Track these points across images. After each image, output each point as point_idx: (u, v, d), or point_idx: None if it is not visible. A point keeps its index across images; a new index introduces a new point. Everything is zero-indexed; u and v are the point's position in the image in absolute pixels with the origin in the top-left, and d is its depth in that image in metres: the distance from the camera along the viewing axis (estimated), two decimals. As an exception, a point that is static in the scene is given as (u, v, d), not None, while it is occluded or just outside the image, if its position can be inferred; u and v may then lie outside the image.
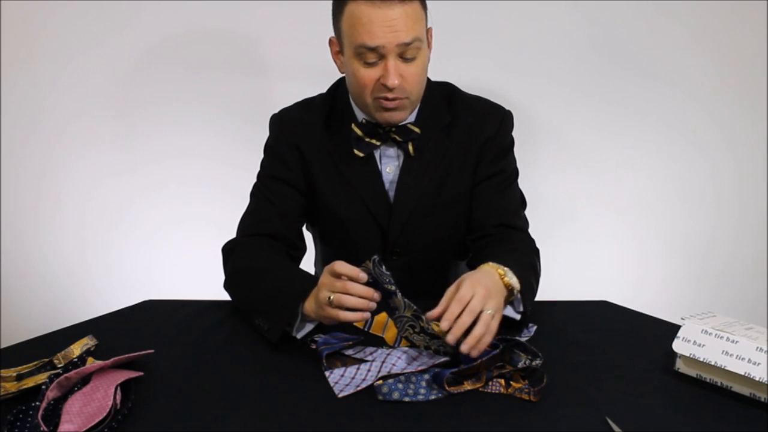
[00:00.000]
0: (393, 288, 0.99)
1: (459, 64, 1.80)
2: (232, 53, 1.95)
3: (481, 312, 0.95)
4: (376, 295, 0.98)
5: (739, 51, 1.92)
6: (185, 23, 1.92)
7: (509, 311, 1.10)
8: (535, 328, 1.13)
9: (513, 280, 1.04)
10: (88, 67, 1.96)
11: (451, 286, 1.00)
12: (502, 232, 1.26)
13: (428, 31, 1.20)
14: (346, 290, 0.97)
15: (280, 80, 1.95)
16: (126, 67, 1.96)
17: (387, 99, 1.15)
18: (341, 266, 0.98)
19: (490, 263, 1.06)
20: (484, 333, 0.94)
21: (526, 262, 1.15)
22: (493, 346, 0.96)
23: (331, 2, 1.18)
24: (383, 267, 0.99)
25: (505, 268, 1.05)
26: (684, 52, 1.92)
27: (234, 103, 1.98)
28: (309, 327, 1.08)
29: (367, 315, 0.99)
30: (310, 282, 1.07)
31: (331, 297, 0.97)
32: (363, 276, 0.97)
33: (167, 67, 1.96)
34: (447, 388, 0.92)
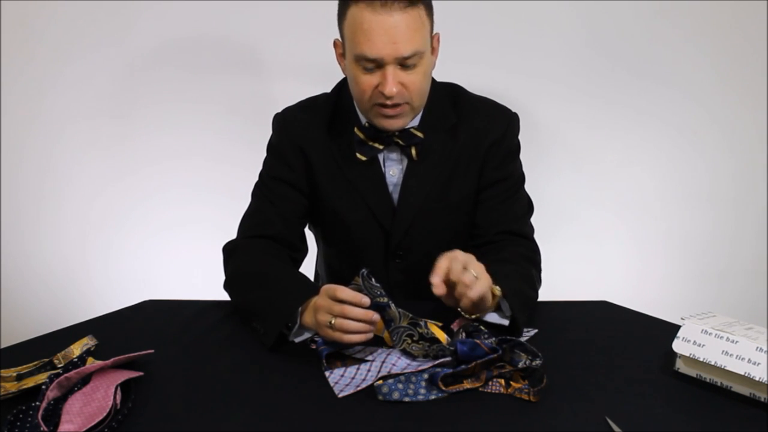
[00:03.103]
0: (385, 300, 0.99)
1: (460, 65, 1.79)
2: (233, 54, 1.95)
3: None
4: (375, 317, 0.98)
5: (739, 51, 1.92)
6: (186, 24, 1.92)
7: (494, 318, 1.10)
8: (535, 331, 1.13)
9: (495, 288, 1.05)
10: (88, 68, 1.96)
11: (441, 260, 1.03)
12: (504, 239, 1.26)
13: (434, 37, 1.18)
14: (345, 314, 0.97)
15: (281, 81, 1.95)
16: (126, 68, 1.96)
17: (386, 106, 1.14)
18: (343, 292, 0.98)
19: None
20: (464, 281, 0.99)
21: (517, 271, 1.15)
22: (493, 350, 0.96)
23: (331, 3, 1.18)
24: (373, 280, 0.99)
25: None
26: (684, 52, 1.92)
27: (235, 103, 1.98)
28: (307, 334, 1.07)
29: (370, 336, 0.99)
30: (309, 289, 1.07)
31: (332, 321, 0.97)
32: (366, 301, 0.97)
33: (168, 67, 1.96)
34: (445, 388, 0.92)
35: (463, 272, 1.00)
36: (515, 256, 1.20)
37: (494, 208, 1.28)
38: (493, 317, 1.11)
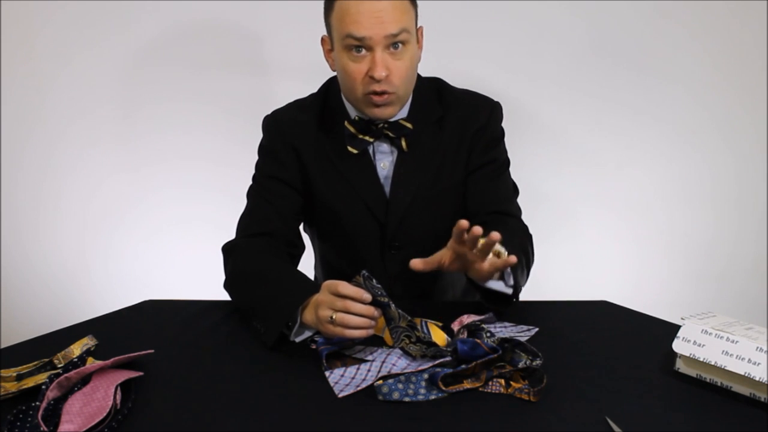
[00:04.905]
0: (386, 300, 1.00)
1: (460, 63, 1.80)
2: (232, 53, 1.95)
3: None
4: (377, 313, 0.99)
5: (739, 51, 1.92)
6: (186, 23, 1.92)
7: (500, 285, 1.12)
8: (536, 330, 1.13)
9: (502, 249, 1.06)
10: (88, 67, 1.96)
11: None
12: (495, 219, 1.28)
13: (419, 30, 1.21)
14: (348, 309, 0.97)
15: (280, 79, 1.95)
16: (126, 67, 1.97)
17: (376, 93, 1.16)
18: (345, 288, 0.98)
19: None
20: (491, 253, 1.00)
21: (518, 242, 1.18)
22: (493, 350, 0.96)
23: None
24: (374, 281, 0.99)
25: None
26: (684, 51, 1.92)
27: (234, 102, 1.98)
28: (308, 333, 1.08)
29: (371, 332, 1.00)
30: (309, 288, 1.07)
31: (334, 316, 0.98)
32: (367, 297, 0.98)
33: (167, 67, 1.96)
34: (445, 388, 0.92)
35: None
36: (518, 230, 1.25)
37: (482, 190, 1.30)
38: (499, 285, 1.13)
